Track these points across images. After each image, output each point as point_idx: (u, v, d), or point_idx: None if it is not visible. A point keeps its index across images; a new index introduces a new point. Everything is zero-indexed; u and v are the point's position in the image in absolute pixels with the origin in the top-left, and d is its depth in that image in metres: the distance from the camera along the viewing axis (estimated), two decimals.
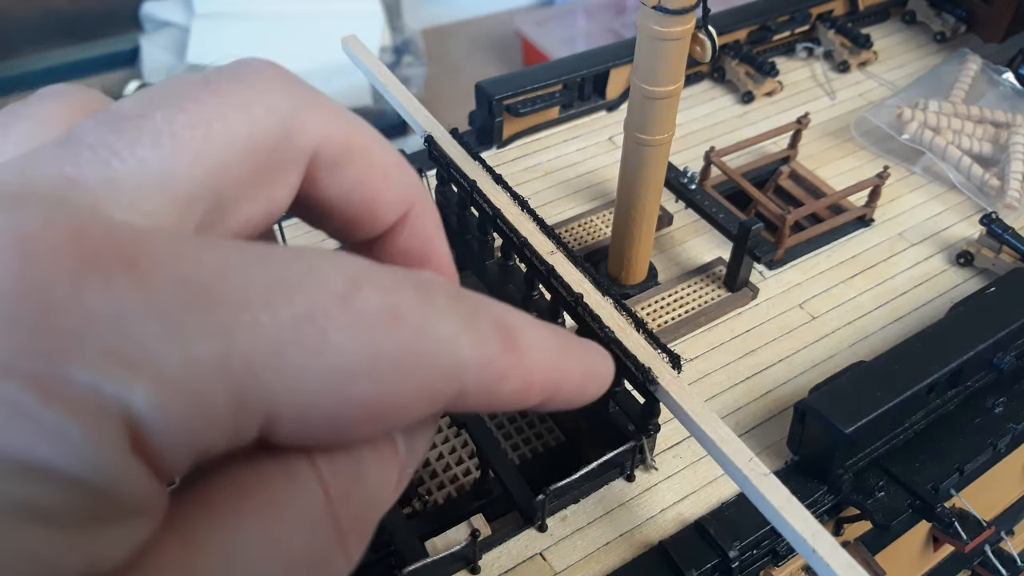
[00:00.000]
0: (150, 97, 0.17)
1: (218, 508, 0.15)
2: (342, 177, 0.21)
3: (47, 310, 0.13)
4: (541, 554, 0.50)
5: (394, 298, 0.16)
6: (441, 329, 0.16)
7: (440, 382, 0.16)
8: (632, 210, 0.63)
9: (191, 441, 0.14)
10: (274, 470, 0.15)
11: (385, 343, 0.15)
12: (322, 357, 0.14)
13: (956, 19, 1.00)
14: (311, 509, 0.15)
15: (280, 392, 0.14)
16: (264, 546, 0.15)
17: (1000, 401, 0.59)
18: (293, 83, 0.19)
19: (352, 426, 0.15)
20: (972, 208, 0.78)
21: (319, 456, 0.16)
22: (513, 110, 0.79)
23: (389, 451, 0.17)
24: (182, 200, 0.17)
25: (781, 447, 0.57)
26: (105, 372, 0.13)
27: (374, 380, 0.15)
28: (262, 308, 0.14)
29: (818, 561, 0.35)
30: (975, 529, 0.56)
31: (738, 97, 0.90)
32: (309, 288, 0.15)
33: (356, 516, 0.16)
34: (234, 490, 0.15)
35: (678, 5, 0.51)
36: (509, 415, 0.64)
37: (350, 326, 0.15)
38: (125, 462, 0.13)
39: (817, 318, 0.67)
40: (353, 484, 0.16)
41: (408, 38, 1.55)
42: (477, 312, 0.17)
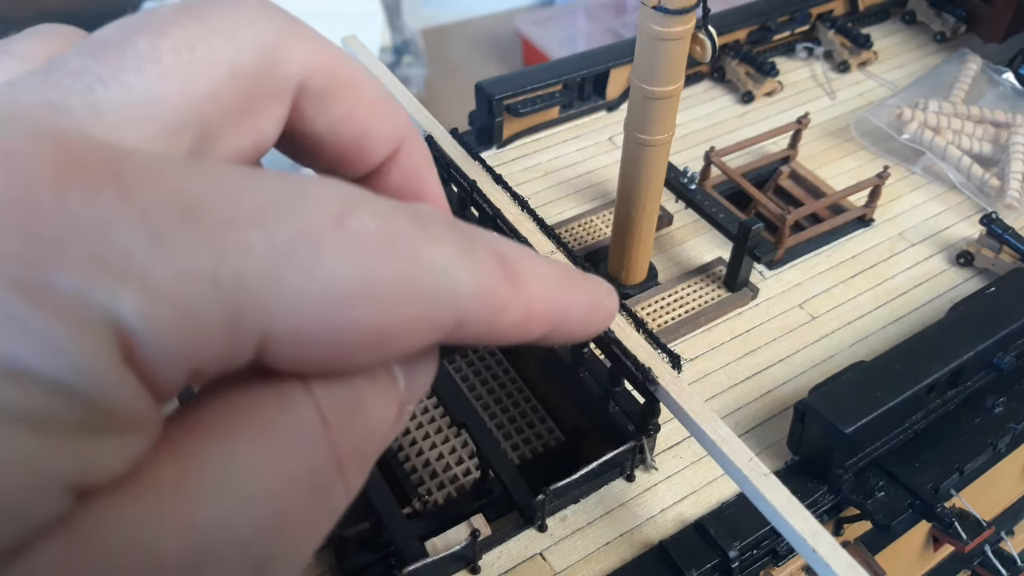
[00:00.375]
0: (132, 24, 0.17)
1: (212, 428, 0.15)
2: (330, 109, 0.20)
3: (30, 218, 0.12)
4: (541, 554, 0.50)
5: (389, 223, 0.15)
6: (437, 256, 0.16)
7: (438, 310, 0.16)
8: (632, 210, 0.63)
9: (183, 355, 0.13)
10: (269, 394, 0.15)
11: (380, 267, 0.15)
12: (315, 278, 0.14)
13: (956, 19, 1.00)
14: (307, 433, 0.15)
15: (274, 311, 0.14)
16: (259, 466, 0.14)
17: (1000, 401, 0.59)
18: (278, 12, 0.19)
19: (349, 352, 0.15)
20: (972, 208, 0.78)
21: (315, 383, 0.16)
22: (513, 110, 0.79)
23: (388, 384, 0.17)
24: (168, 127, 0.17)
25: (781, 447, 0.57)
26: (92, 279, 0.12)
27: (370, 304, 0.15)
28: (253, 226, 0.14)
29: (818, 561, 0.35)
30: (975, 529, 0.56)
31: (738, 97, 0.90)
32: (302, 208, 0.15)
33: (354, 446, 0.16)
34: (228, 411, 0.15)
35: (678, 5, 0.51)
36: (509, 415, 0.64)
37: (344, 248, 0.15)
38: (115, 371, 0.13)
39: (817, 318, 0.67)
40: (351, 413, 0.16)
41: (408, 38, 1.55)
42: (474, 242, 0.17)
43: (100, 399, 0.12)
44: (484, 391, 0.66)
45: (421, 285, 0.16)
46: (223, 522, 0.14)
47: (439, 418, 0.63)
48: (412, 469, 0.60)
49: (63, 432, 0.12)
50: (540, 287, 0.18)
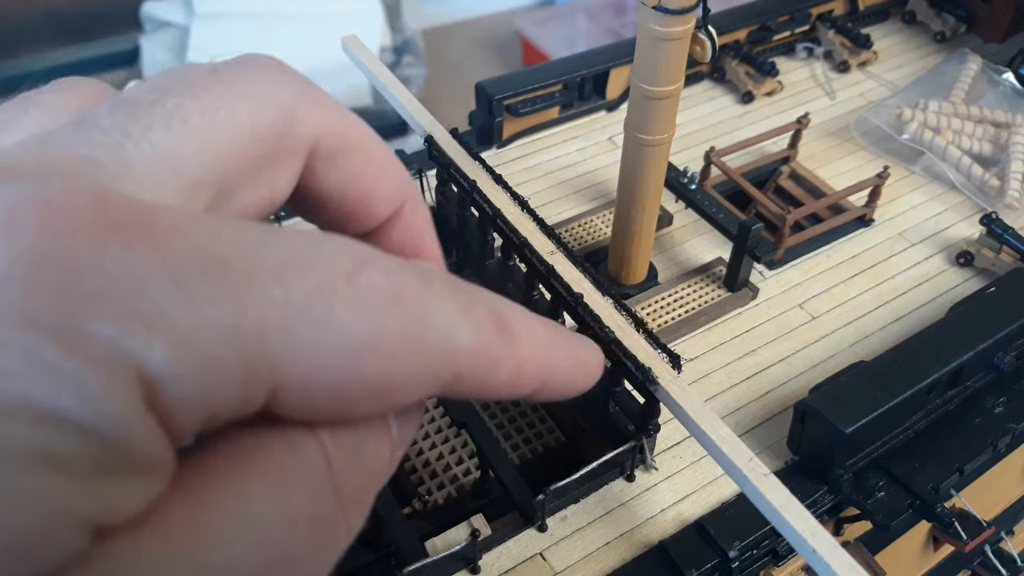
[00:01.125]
0: (161, 84, 0.18)
1: (223, 471, 0.15)
2: (340, 169, 0.22)
3: (68, 270, 0.13)
4: (541, 554, 0.50)
5: (397, 280, 0.16)
6: (440, 314, 0.17)
7: (438, 364, 0.17)
8: (632, 210, 0.63)
9: (201, 402, 0.14)
10: (277, 438, 0.16)
11: (388, 322, 0.16)
12: (328, 331, 0.15)
13: (956, 19, 1.00)
14: (313, 476, 0.16)
15: (288, 362, 0.15)
16: (267, 508, 0.15)
17: (1000, 401, 0.59)
18: (296, 77, 0.20)
19: (355, 402, 0.16)
20: (972, 208, 0.78)
21: (321, 429, 0.16)
22: (513, 110, 0.79)
23: (384, 431, 0.18)
24: (190, 184, 0.18)
25: (781, 447, 0.57)
26: (124, 329, 0.13)
27: (377, 357, 0.16)
28: (274, 281, 0.15)
29: (818, 561, 0.35)
30: (975, 529, 0.56)
31: (738, 97, 0.90)
32: (318, 265, 0.16)
33: (355, 488, 0.17)
34: (239, 455, 0.16)
35: (678, 5, 0.51)
36: (509, 415, 0.64)
37: (355, 304, 0.16)
38: (139, 416, 0.13)
39: (817, 318, 0.67)
40: (352, 456, 0.17)
41: (408, 38, 1.55)
42: (473, 301, 0.18)
43: (123, 442, 0.13)
44: None
45: (425, 340, 0.17)
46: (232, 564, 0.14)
47: (439, 418, 0.63)
48: (412, 469, 0.60)
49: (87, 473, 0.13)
50: (533, 345, 0.19)
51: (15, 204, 0.13)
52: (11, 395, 0.12)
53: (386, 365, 0.16)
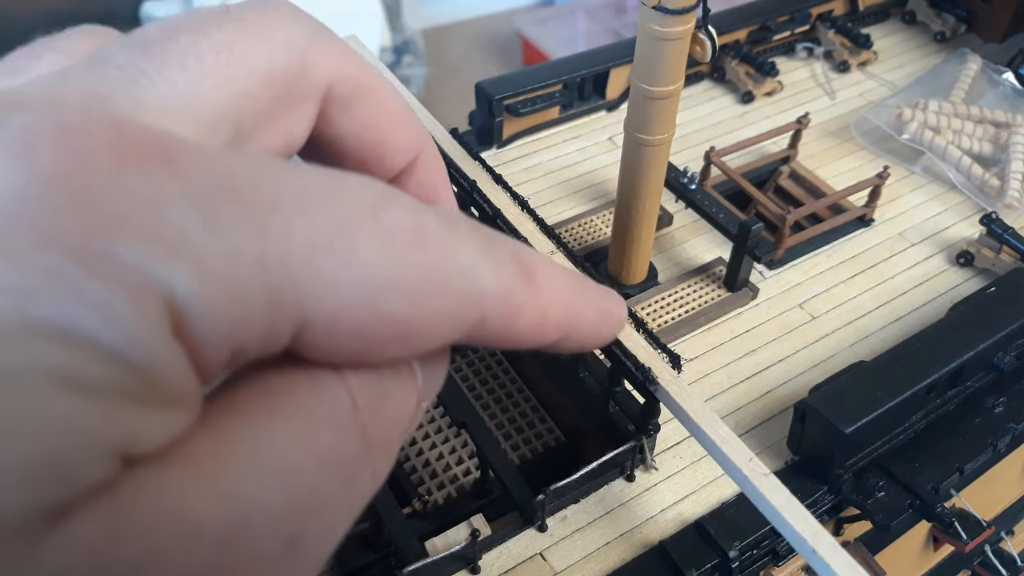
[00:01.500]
0: (174, 24, 0.18)
1: (248, 408, 0.15)
2: (354, 116, 0.21)
3: (90, 193, 0.13)
4: (541, 554, 0.50)
5: (420, 219, 0.16)
6: (464, 254, 0.17)
7: (463, 306, 0.17)
8: (632, 210, 0.63)
9: (228, 334, 0.14)
10: (303, 378, 0.16)
11: (412, 261, 0.16)
12: (352, 267, 0.15)
13: (956, 19, 1.00)
14: (339, 415, 0.16)
15: (312, 297, 0.15)
16: (293, 444, 0.15)
17: (1000, 401, 0.59)
18: (310, 19, 0.20)
19: (379, 342, 0.16)
20: (972, 208, 0.78)
21: (347, 371, 0.16)
22: (513, 110, 0.79)
23: (409, 377, 0.18)
24: (206, 123, 0.17)
25: (781, 447, 0.57)
26: (149, 253, 0.13)
27: (401, 296, 0.15)
28: (296, 213, 0.15)
29: (818, 561, 0.35)
30: (975, 529, 0.56)
31: (738, 97, 0.90)
32: (340, 199, 0.15)
33: (382, 433, 0.17)
34: (264, 393, 0.15)
35: (678, 5, 0.51)
36: (509, 415, 0.64)
37: (379, 240, 0.15)
38: (166, 343, 0.13)
39: (817, 318, 0.67)
40: (379, 401, 0.17)
41: (408, 38, 1.55)
42: (496, 244, 0.18)
43: (151, 369, 0.13)
44: (484, 391, 0.66)
45: (448, 280, 0.16)
46: (258, 495, 0.14)
47: (439, 418, 0.63)
48: (412, 469, 0.60)
49: (114, 399, 0.12)
50: (556, 292, 0.19)
51: (30, 128, 0.13)
52: (34, 315, 0.12)
53: (410, 304, 0.16)
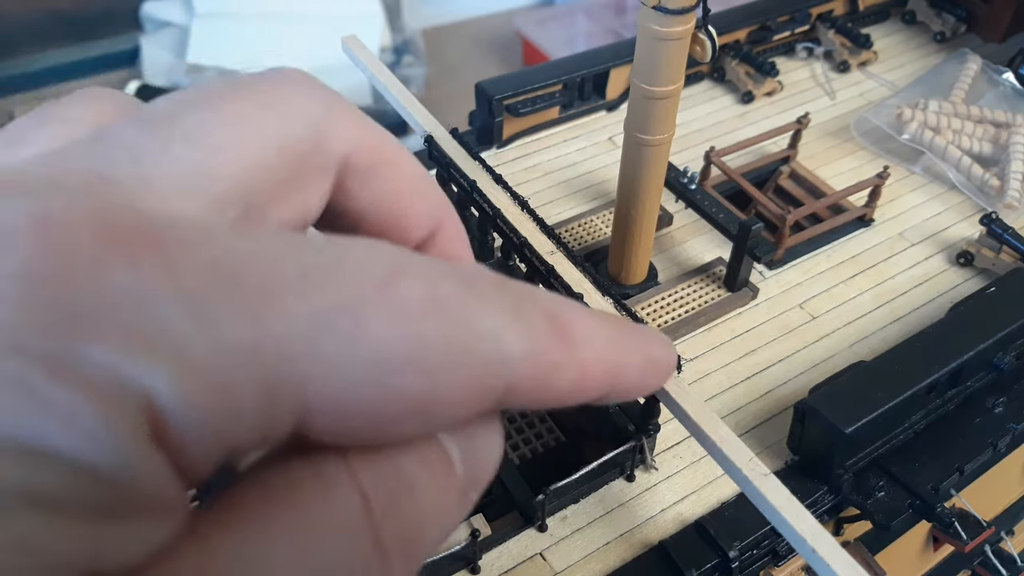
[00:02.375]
0: (183, 98, 0.17)
1: (242, 515, 0.14)
2: (373, 187, 0.20)
3: (65, 290, 0.12)
4: (541, 554, 0.50)
5: (437, 287, 0.15)
6: (487, 320, 0.15)
7: (488, 376, 0.15)
8: (632, 210, 0.63)
9: (217, 434, 0.13)
10: (307, 475, 0.14)
11: (428, 333, 0.14)
12: (360, 346, 0.14)
13: (956, 19, 1.00)
14: (347, 521, 0.14)
15: (315, 384, 0.13)
16: (291, 559, 0.13)
17: (1000, 401, 0.59)
18: (325, 90, 0.19)
19: (395, 422, 0.14)
20: (972, 208, 0.78)
21: (359, 463, 0.15)
22: (513, 110, 0.79)
23: (442, 464, 0.16)
24: (215, 200, 0.16)
25: (781, 447, 0.57)
26: (125, 353, 0.12)
27: (416, 373, 0.14)
28: (296, 295, 0.14)
29: (818, 561, 0.35)
30: (975, 529, 0.56)
31: (738, 97, 0.90)
32: (346, 275, 0.14)
33: (401, 536, 0.15)
34: (261, 496, 0.14)
35: (678, 5, 0.51)
36: (509, 415, 0.64)
37: (390, 315, 0.14)
38: (142, 451, 0.12)
39: (817, 318, 0.67)
40: (398, 498, 0.15)
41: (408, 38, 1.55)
42: (524, 302, 0.16)
43: (124, 481, 0.12)
44: None
45: (470, 351, 0.15)
46: None
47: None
48: None
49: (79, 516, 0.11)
50: (596, 346, 0.17)
51: (11, 218, 0.12)
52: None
53: (427, 381, 0.14)
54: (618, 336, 0.18)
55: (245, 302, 0.13)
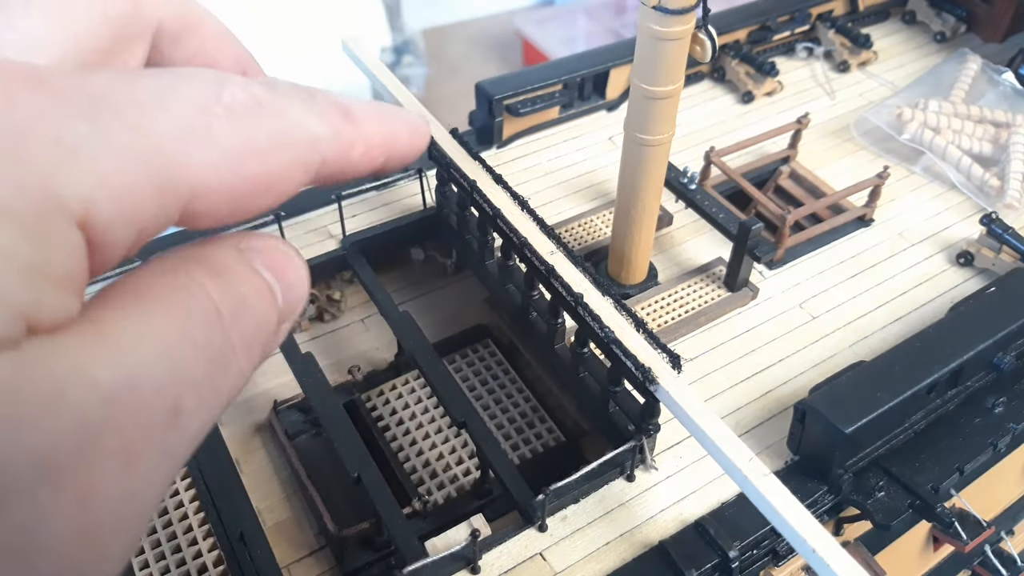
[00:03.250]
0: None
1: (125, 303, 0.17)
2: (184, 47, 0.24)
3: None
4: (541, 554, 0.50)
5: (253, 90, 0.19)
6: (294, 111, 0.20)
7: (305, 153, 0.20)
8: (632, 210, 0.63)
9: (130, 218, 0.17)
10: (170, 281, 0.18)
11: (256, 127, 0.19)
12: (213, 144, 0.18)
13: (956, 19, 1.00)
14: (205, 315, 0.18)
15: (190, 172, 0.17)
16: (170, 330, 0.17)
17: (1000, 401, 0.59)
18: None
19: (249, 198, 0.19)
20: (972, 208, 0.78)
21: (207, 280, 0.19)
22: (513, 110, 0.79)
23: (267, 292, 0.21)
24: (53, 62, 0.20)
25: (781, 447, 0.57)
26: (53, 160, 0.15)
27: (256, 157, 0.19)
28: (157, 109, 0.17)
29: (818, 561, 0.35)
30: (975, 529, 0.56)
31: (738, 97, 0.90)
32: (188, 91, 0.18)
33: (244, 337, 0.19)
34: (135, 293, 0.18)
35: (678, 5, 0.51)
36: (509, 415, 0.64)
37: (228, 118, 0.18)
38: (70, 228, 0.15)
39: (817, 318, 0.67)
40: (238, 308, 0.19)
41: (408, 38, 1.55)
42: (315, 96, 0.21)
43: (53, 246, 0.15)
44: (484, 391, 0.66)
45: (288, 136, 0.20)
46: (144, 364, 0.16)
47: (439, 418, 0.63)
48: (412, 469, 0.60)
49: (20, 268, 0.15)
50: (374, 123, 0.23)
51: None
52: None
53: (265, 162, 0.19)
54: (387, 113, 0.24)
55: (126, 118, 0.17)
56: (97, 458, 0.15)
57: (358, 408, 0.61)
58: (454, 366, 0.67)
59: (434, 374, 0.58)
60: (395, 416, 0.63)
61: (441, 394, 0.57)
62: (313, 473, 0.57)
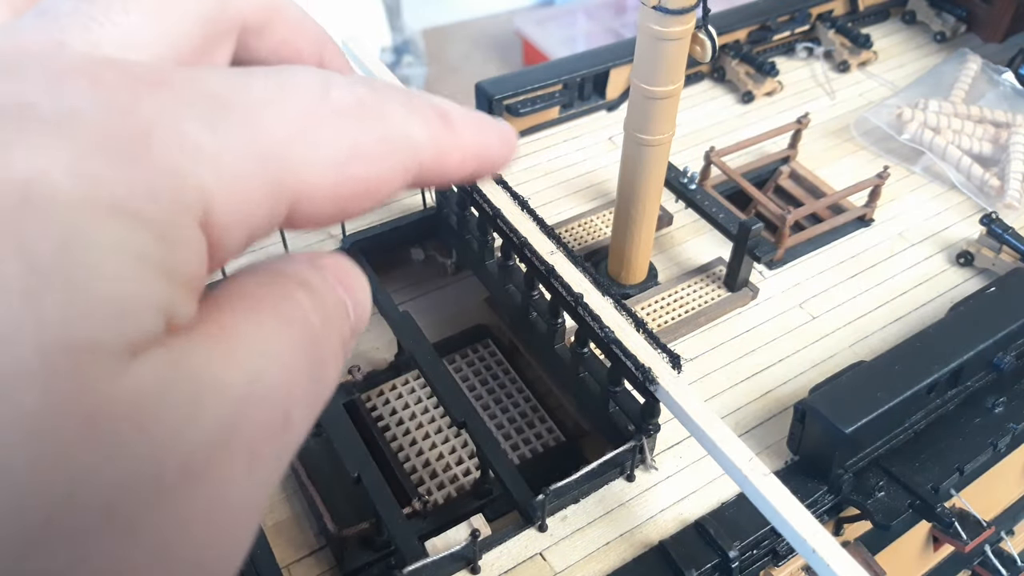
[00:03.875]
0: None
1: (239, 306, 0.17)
2: (268, 39, 0.24)
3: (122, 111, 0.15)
4: (541, 554, 0.50)
5: (355, 90, 0.19)
6: (395, 113, 0.20)
7: (406, 158, 0.20)
8: (632, 210, 0.63)
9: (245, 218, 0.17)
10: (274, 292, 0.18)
11: (362, 130, 0.19)
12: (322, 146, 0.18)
13: (956, 19, 1.00)
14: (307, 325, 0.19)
15: (300, 174, 0.18)
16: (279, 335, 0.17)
17: (1000, 401, 0.59)
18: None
19: (353, 201, 0.19)
20: (972, 208, 0.78)
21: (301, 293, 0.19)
22: (513, 110, 0.79)
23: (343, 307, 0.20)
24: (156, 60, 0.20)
25: (781, 447, 0.57)
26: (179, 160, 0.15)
27: (362, 160, 0.19)
28: (270, 109, 0.17)
29: (818, 561, 0.35)
30: (975, 529, 0.56)
31: (738, 97, 0.90)
32: (296, 92, 0.18)
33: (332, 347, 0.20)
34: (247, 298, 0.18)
35: (678, 5, 0.51)
36: (509, 415, 0.64)
37: (333, 118, 0.19)
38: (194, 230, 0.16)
39: (817, 318, 0.67)
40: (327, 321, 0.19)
41: (408, 38, 1.55)
42: (415, 98, 0.21)
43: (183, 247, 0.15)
44: (484, 391, 0.66)
45: (392, 139, 0.20)
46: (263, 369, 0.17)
47: (439, 418, 0.63)
48: (412, 469, 0.60)
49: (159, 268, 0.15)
50: (469, 130, 0.22)
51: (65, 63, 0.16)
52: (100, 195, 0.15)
53: (369, 165, 0.19)
54: (481, 120, 0.23)
55: (240, 118, 0.17)
56: (227, 462, 0.15)
57: (358, 408, 0.61)
58: (454, 366, 0.67)
59: (434, 374, 0.58)
60: (395, 416, 0.63)
61: (441, 394, 0.57)
62: (313, 473, 0.57)
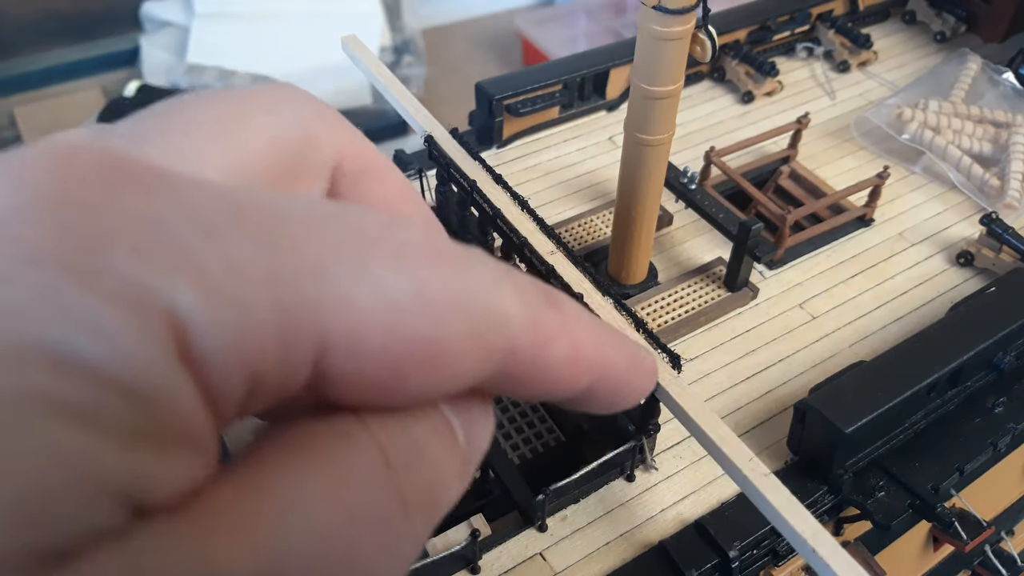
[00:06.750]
0: (177, 100, 0.18)
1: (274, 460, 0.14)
2: (364, 191, 0.21)
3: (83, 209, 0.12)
4: (541, 554, 0.50)
5: (433, 239, 0.16)
6: (484, 277, 0.16)
7: (489, 330, 0.15)
8: (632, 210, 0.63)
9: (239, 355, 0.13)
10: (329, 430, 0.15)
11: (430, 276, 0.15)
12: (367, 283, 0.14)
13: (956, 19, 1.00)
14: (370, 470, 0.14)
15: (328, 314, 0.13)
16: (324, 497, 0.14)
17: (1000, 401, 0.59)
18: (313, 98, 0.20)
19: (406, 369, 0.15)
20: (972, 208, 0.78)
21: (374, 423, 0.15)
22: (513, 110, 0.79)
23: (448, 432, 0.16)
24: None
25: (781, 447, 0.57)
26: (148, 265, 0.12)
27: (423, 315, 0.14)
28: (304, 228, 0.14)
29: (818, 561, 0.35)
30: (975, 529, 0.56)
31: (738, 97, 0.90)
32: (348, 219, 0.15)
33: (420, 491, 0.15)
34: (290, 445, 0.14)
35: (678, 5, 0.51)
36: (509, 415, 0.64)
37: (392, 256, 0.14)
38: (169, 365, 0.12)
39: (817, 318, 0.67)
40: (413, 458, 0.15)
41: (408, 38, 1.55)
42: (515, 272, 0.17)
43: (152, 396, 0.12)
44: None
45: (471, 303, 0.15)
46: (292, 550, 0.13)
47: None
48: None
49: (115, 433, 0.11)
50: (584, 328, 0.18)
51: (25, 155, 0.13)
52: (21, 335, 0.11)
53: (433, 324, 0.14)
54: (605, 327, 0.19)
55: (258, 230, 0.13)
56: None
57: None
58: None
59: None
60: None
61: None
62: None
